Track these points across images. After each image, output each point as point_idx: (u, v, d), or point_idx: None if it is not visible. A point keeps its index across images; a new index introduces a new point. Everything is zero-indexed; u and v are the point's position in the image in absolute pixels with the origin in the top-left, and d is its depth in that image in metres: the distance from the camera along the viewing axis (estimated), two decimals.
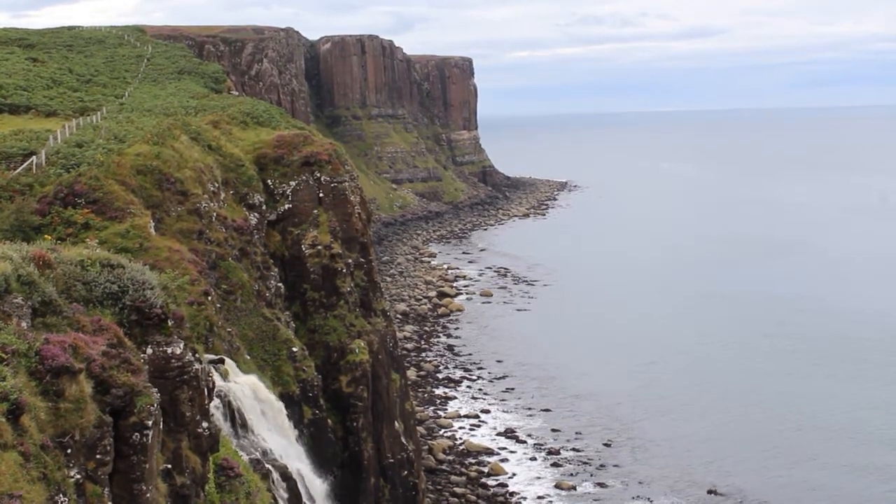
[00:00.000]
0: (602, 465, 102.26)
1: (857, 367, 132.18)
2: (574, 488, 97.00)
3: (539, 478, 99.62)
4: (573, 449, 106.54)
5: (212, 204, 52.74)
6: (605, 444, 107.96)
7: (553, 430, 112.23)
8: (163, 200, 48.16)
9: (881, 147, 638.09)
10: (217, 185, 55.79)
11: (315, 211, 63.17)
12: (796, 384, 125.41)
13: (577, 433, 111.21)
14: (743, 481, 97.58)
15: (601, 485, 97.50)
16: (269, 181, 63.09)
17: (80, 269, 26.73)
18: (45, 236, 36.91)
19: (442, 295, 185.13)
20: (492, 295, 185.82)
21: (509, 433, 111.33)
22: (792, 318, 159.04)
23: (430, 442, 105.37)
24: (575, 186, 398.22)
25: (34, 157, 48.78)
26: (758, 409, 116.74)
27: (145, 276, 27.58)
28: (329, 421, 56.92)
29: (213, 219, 52.17)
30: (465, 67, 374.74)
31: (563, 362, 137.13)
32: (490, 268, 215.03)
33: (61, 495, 20.19)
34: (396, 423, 65.76)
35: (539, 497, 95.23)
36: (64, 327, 23.72)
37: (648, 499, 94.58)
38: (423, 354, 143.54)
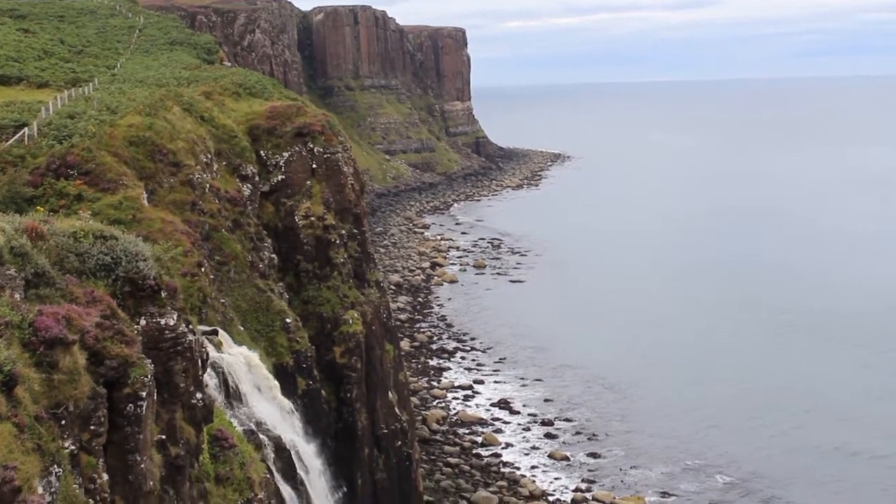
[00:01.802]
0: (595, 436, 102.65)
1: (849, 337, 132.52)
2: (567, 458, 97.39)
3: (533, 448, 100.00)
4: (566, 419, 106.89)
5: (205, 175, 52.64)
6: (598, 415, 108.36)
7: (546, 401, 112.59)
8: (155, 172, 48.05)
9: (877, 118, 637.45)
10: (210, 156, 55.66)
11: (308, 182, 63.07)
12: (788, 354, 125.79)
13: (570, 403, 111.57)
14: (735, 450, 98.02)
15: (594, 455, 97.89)
16: (262, 152, 62.97)
17: (73, 240, 26.69)
18: (38, 208, 36.83)
19: (435, 266, 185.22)
20: (485, 266, 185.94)
21: (503, 404, 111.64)
22: (784, 290, 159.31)
23: (423, 412, 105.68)
24: (568, 157, 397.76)
25: (26, 129, 48.61)
26: (749, 379, 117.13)
27: (138, 247, 27.54)
28: (323, 392, 57.03)
29: (207, 190, 52.08)
30: (458, 38, 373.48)
31: (556, 333, 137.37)
32: (483, 239, 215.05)
33: (56, 466, 20.24)
34: (390, 394, 65.92)
35: (533, 467, 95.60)
36: (57, 299, 23.71)
37: (641, 468, 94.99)
38: (417, 325, 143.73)
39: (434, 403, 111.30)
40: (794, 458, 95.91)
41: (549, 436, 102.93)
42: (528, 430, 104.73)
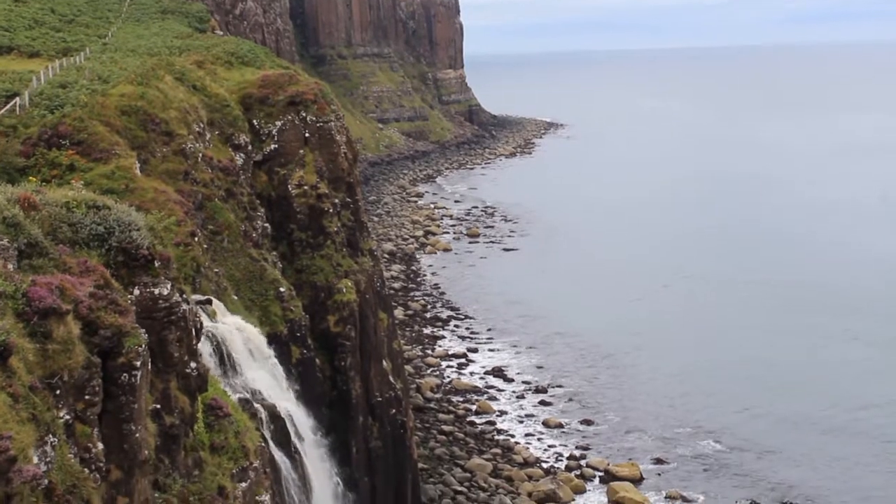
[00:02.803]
0: (588, 403, 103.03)
1: (842, 306, 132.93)
2: (562, 426, 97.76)
3: (528, 416, 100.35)
4: (560, 387, 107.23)
5: (197, 144, 52.52)
6: (592, 382, 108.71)
7: (540, 369, 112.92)
8: (148, 141, 47.93)
9: (878, 84, 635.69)
10: (202, 125, 55.53)
11: (301, 151, 62.95)
12: (781, 323, 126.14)
13: (564, 371, 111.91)
14: (728, 417, 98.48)
15: (588, 422, 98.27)
16: (254, 121, 62.82)
17: (65, 210, 26.65)
18: (30, 178, 36.76)
19: (429, 234, 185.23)
20: (479, 234, 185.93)
21: (497, 372, 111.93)
22: (778, 258, 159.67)
23: (418, 381, 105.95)
24: (561, 125, 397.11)
25: (17, 99, 48.44)
26: (742, 346, 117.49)
27: (131, 217, 27.51)
28: (317, 360, 57.14)
29: (199, 159, 51.98)
30: (450, 5, 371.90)
31: (550, 301, 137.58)
32: (477, 207, 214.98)
33: (51, 435, 20.30)
34: (384, 362, 66.05)
35: (527, 435, 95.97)
36: (51, 269, 23.71)
37: (635, 435, 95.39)
38: (411, 294, 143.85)
39: (428, 372, 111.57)
40: (786, 425, 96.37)
41: (543, 403, 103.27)
42: (522, 397, 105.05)
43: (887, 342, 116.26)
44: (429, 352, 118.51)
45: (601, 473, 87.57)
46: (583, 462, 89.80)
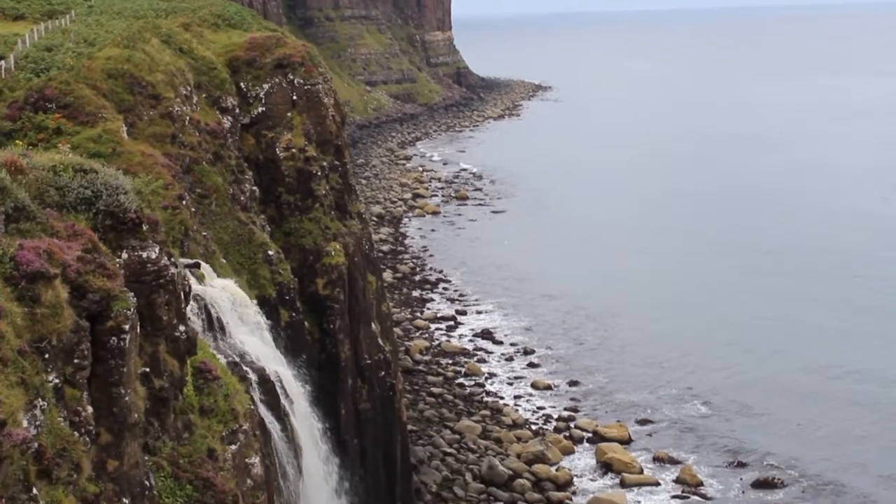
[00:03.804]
0: (577, 364, 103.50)
1: (827, 267, 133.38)
2: (550, 387, 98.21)
3: (516, 377, 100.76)
4: (548, 348, 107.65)
5: (184, 108, 52.32)
6: (580, 344, 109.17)
7: (528, 330, 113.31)
8: (135, 105, 47.72)
9: (873, 45, 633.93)
10: (189, 88, 55.30)
11: (289, 114, 62.75)
12: (766, 284, 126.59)
13: (552, 333, 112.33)
14: (714, 378, 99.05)
15: (576, 383, 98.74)
16: (241, 84, 62.55)
17: (52, 174, 26.58)
18: (17, 142, 36.61)
19: (417, 197, 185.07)
20: (467, 197, 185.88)
21: (486, 334, 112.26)
22: (764, 219, 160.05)
23: (407, 343, 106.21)
24: (548, 87, 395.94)
25: (2, 62, 48.13)
26: (728, 308, 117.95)
27: (119, 180, 27.44)
28: (306, 323, 57.22)
29: (186, 123, 51.79)
30: None
31: (539, 263, 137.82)
32: (465, 170, 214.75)
33: (40, 399, 20.35)
34: (373, 325, 66.15)
35: (516, 396, 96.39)
36: (38, 233, 23.68)
37: (622, 396, 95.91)
38: (400, 256, 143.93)
39: (417, 334, 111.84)
40: (772, 384, 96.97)
41: (531, 365, 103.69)
42: (510, 359, 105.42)
43: (877, 306, 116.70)
44: (417, 314, 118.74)
45: (589, 435, 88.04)
46: (571, 423, 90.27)
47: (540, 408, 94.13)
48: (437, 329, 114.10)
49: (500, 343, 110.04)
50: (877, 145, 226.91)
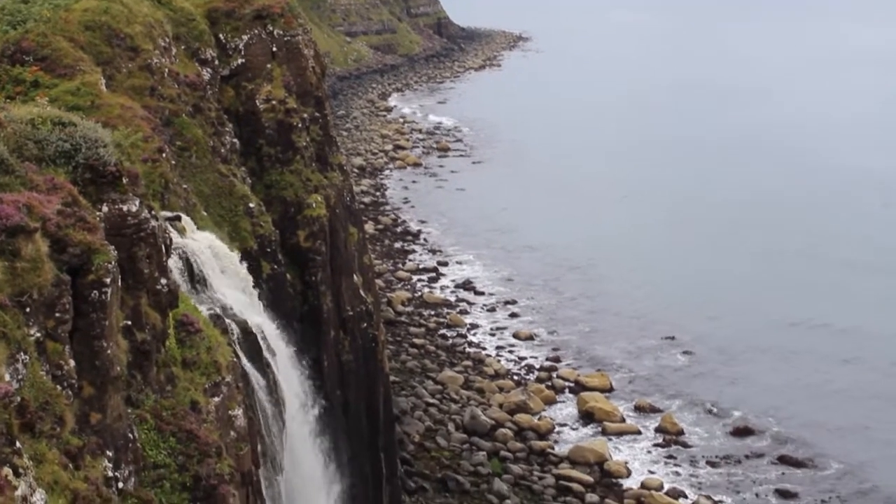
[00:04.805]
0: (558, 315, 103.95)
1: (811, 216, 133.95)
2: (531, 338, 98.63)
3: (498, 328, 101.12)
4: (530, 299, 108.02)
5: (163, 60, 51.91)
6: (561, 294, 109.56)
7: (510, 281, 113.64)
8: (113, 57, 47.34)
9: None
10: (168, 40, 54.85)
11: (269, 65, 62.34)
12: (750, 232, 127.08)
13: (534, 284, 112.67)
14: (696, 327, 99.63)
15: (558, 333, 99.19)
16: (220, 35, 62.04)
17: (31, 127, 26.42)
18: None
19: (398, 148, 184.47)
20: (448, 149, 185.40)
21: (467, 285, 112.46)
22: (749, 167, 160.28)
23: (388, 295, 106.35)
24: (529, 38, 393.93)
25: None
26: (711, 257, 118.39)
27: (98, 133, 27.29)
28: (288, 275, 57.16)
29: (165, 75, 51.42)
30: None
31: (520, 214, 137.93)
32: (446, 121, 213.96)
33: (22, 353, 20.35)
34: (355, 277, 66.15)
35: (498, 347, 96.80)
36: (17, 186, 23.56)
37: (604, 346, 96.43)
38: (381, 208, 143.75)
39: (399, 285, 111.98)
40: (752, 335, 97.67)
41: (513, 316, 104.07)
42: (492, 310, 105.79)
43: (862, 261, 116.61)
44: (399, 266, 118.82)
45: (571, 384, 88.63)
46: (553, 373, 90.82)
47: (522, 358, 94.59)
48: (419, 280, 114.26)
49: (482, 294, 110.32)
50: (866, 96, 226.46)
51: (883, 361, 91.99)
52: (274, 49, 62.80)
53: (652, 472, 76.02)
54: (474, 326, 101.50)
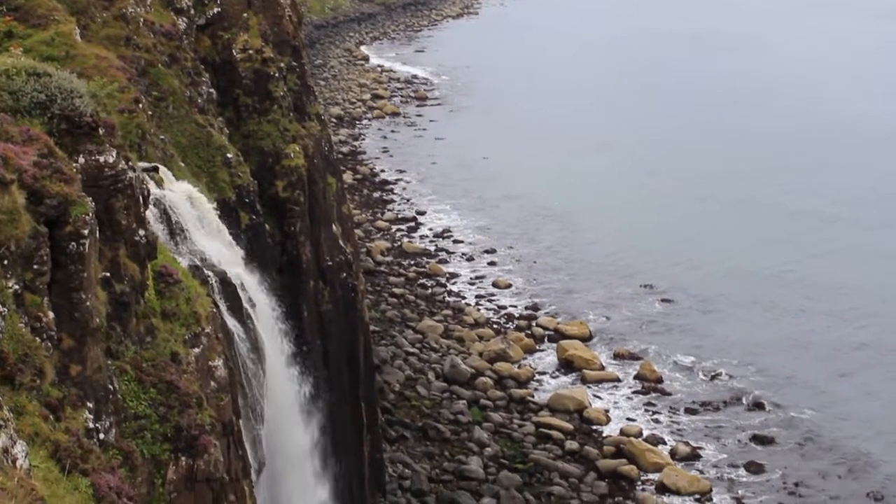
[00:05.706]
0: (537, 263, 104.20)
1: (791, 159, 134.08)
2: (510, 286, 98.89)
3: (477, 277, 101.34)
4: (509, 247, 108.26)
5: (138, 9, 51.43)
6: (540, 242, 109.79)
7: (488, 230, 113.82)
8: (87, 6, 46.86)
9: None
10: None
11: (245, 14, 61.88)
12: (730, 178, 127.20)
13: (513, 233, 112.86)
14: (674, 274, 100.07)
15: (537, 281, 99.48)
16: None
17: (5, 78, 26.21)
18: None
19: (376, 98, 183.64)
20: (426, 98, 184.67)
21: (446, 234, 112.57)
22: (732, 115, 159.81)
23: (368, 244, 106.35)
24: None
25: None
26: (690, 205, 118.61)
27: (73, 84, 27.08)
28: (266, 226, 57.05)
29: (141, 24, 50.95)
30: None
31: (497, 163, 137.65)
32: (425, 69, 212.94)
33: (0, 305, 20.31)
34: (334, 227, 66.09)
35: (478, 296, 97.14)
36: None
37: (583, 294, 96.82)
38: (359, 157, 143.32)
39: (378, 235, 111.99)
40: (730, 284, 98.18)
41: (492, 264, 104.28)
42: (471, 259, 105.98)
43: (847, 217, 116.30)
44: (378, 215, 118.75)
45: (551, 332, 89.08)
46: (532, 322, 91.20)
47: (501, 307, 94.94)
48: (397, 230, 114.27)
49: (461, 243, 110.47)
50: (863, 44, 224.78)
51: (861, 313, 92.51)
52: None
53: (631, 420, 76.70)
54: (453, 276, 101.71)
